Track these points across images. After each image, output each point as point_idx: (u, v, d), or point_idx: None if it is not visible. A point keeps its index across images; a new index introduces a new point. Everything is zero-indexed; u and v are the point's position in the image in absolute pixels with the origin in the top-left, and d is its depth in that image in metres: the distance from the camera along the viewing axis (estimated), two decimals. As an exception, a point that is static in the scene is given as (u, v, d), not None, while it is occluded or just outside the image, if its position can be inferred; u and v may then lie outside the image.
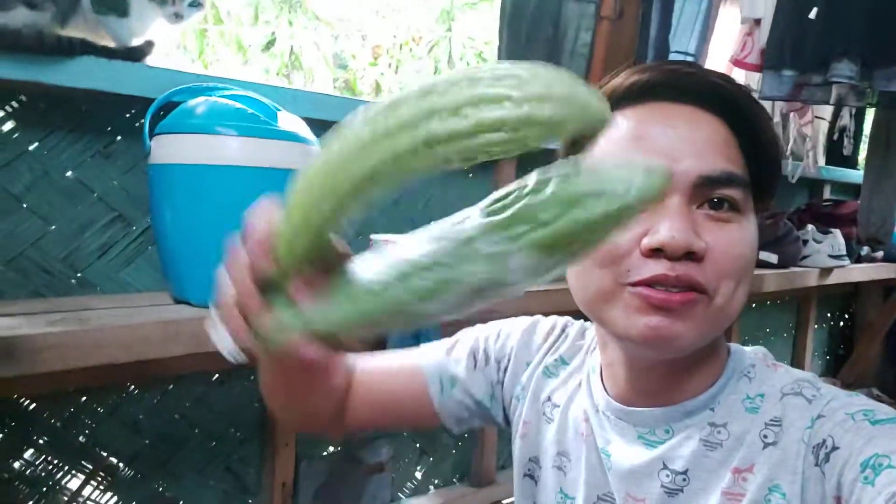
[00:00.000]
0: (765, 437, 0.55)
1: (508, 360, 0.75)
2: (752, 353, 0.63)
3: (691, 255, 0.53)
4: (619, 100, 0.59)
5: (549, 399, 0.71)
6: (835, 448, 0.50)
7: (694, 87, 0.57)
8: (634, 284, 0.54)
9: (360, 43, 5.70)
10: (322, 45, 5.22)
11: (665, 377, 0.60)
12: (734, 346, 0.64)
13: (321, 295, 0.41)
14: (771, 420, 0.56)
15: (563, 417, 0.69)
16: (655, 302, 0.53)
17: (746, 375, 0.60)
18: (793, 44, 1.56)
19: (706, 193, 0.55)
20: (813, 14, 1.52)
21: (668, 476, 0.59)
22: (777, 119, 2.17)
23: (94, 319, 0.85)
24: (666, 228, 0.53)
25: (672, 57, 1.96)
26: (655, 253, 0.53)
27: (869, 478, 0.45)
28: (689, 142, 0.55)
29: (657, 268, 0.53)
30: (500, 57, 1.76)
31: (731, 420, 0.58)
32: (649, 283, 0.54)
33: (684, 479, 0.58)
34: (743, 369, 0.61)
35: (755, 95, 1.70)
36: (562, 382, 0.71)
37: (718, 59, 2.01)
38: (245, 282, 0.42)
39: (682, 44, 2.01)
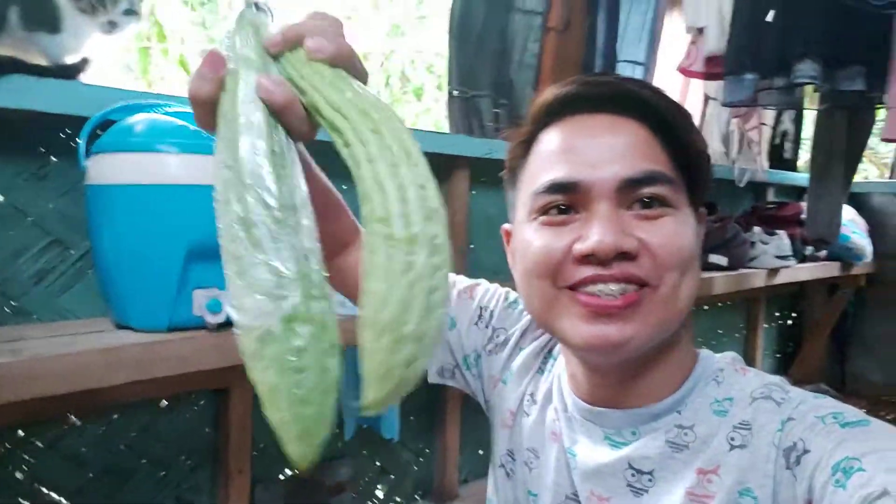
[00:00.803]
0: (732, 439, 0.56)
1: (507, 340, 0.74)
2: (720, 358, 0.63)
3: (625, 256, 0.54)
4: (546, 116, 0.61)
5: (531, 395, 0.70)
6: (805, 451, 0.50)
7: (609, 96, 0.59)
8: (572, 287, 0.55)
9: (309, 57, 5.65)
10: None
11: (625, 381, 0.60)
12: (703, 351, 0.64)
13: None
14: (740, 423, 0.56)
15: (540, 415, 0.68)
16: (596, 310, 0.54)
17: (714, 380, 0.60)
18: (751, 48, 1.59)
19: (633, 195, 0.56)
20: (770, 17, 1.54)
21: (633, 475, 0.59)
22: (726, 124, 2.23)
23: (27, 350, 0.80)
24: (595, 234, 0.54)
25: (621, 66, 2.00)
26: (587, 259, 0.55)
27: (840, 481, 0.46)
28: (609, 148, 0.57)
29: (591, 271, 0.54)
30: (450, 69, 1.77)
31: (698, 422, 0.58)
32: (585, 282, 0.54)
33: (650, 480, 0.58)
34: (711, 374, 0.61)
35: (718, 101, 1.75)
36: (545, 380, 0.71)
37: (667, 68, 2.06)
38: None
39: (630, 53, 2.06)
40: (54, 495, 1.08)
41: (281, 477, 1.35)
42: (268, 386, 0.34)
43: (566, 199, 0.57)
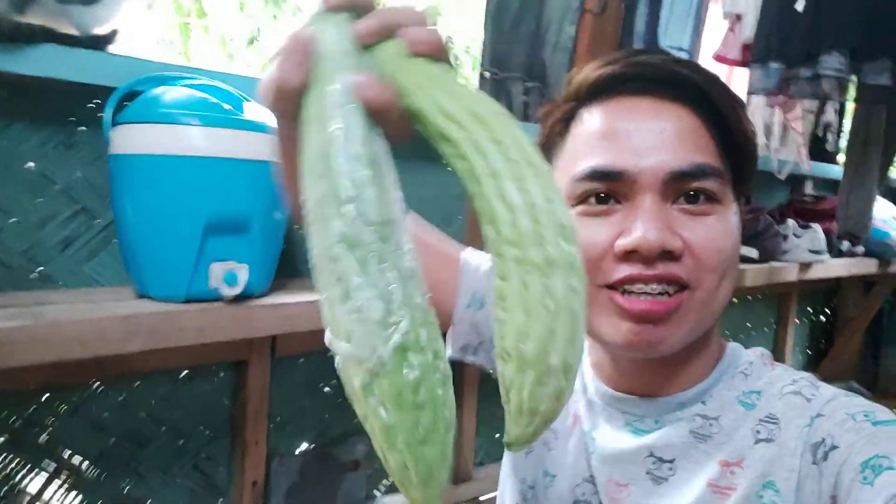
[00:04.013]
0: (757, 432, 0.55)
1: None
2: (750, 351, 0.62)
3: (668, 254, 0.52)
4: (590, 93, 0.58)
5: None
6: (834, 447, 0.49)
7: (657, 78, 0.56)
8: (611, 287, 0.54)
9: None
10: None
11: (653, 374, 0.59)
12: (732, 344, 0.63)
13: None
14: (767, 417, 0.55)
15: None
16: (636, 313, 0.53)
17: (743, 372, 0.59)
18: (780, 36, 1.55)
19: (680, 188, 0.54)
20: (800, 6, 1.50)
21: (654, 463, 0.58)
22: (769, 114, 2.16)
23: (49, 314, 0.82)
24: (639, 229, 0.52)
25: (664, 52, 1.95)
26: (630, 255, 0.52)
27: (868, 478, 0.45)
28: (656, 135, 0.54)
29: (632, 270, 0.52)
30: (484, 51, 1.75)
31: (724, 413, 0.57)
32: (625, 282, 0.53)
33: (670, 469, 0.57)
34: (739, 366, 0.60)
35: (745, 89, 1.70)
36: None
37: (706, 54, 2.00)
38: None
39: (674, 39, 2.00)
40: (77, 459, 1.11)
41: (296, 451, 1.36)
42: (383, 425, 0.30)
43: (608, 188, 0.54)
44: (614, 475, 0.60)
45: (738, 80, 2.17)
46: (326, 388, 1.39)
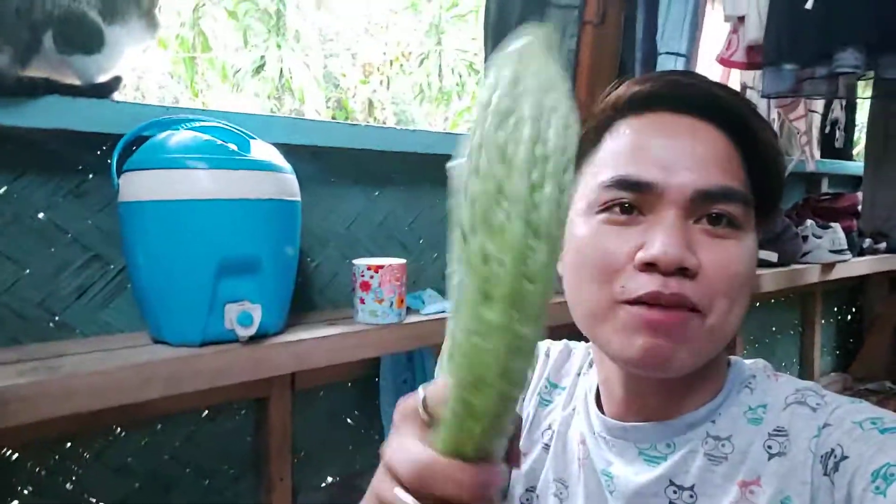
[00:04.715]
0: (769, 447, 0.54)
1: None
2: (752, 364, 0.62)
3: (684, 271, 0.52)
4: (621, 110, 0.58)
5: (548, 427, 0.69)
6: (844, 457, 0.49)
7: (695, 98, 0.56)
8: (630, 303, 0.53)
9: (351, 61, 5.71)
10: (312, 65, 5.22)
11: (663, 394, 0.59)
12: (734, 358, 0.62)
13: None
14: (775, 430, 0.55)
15: (560, 443, 0.67)
16: (650, 322, 0.52)
17: (748, 386, 0.59)
18: (790, 36, 1.53)
19: (704, 208, 0.54)
20: (809, 4, 1.48)
21: (675, 493, 0.57)
22: (773, 116, 2.14)
23: (66, 367, 0.82)
24: (660, 243, 0.52)
25: (662, 58, 1.94)
26: (649, 267, 0.53)
27: (880, 488, 0.45)
28: (687, 154, 0.54)
29: (650, 283, 0.52)
30: (486, 66, 1.75)
31: (735, 433, 0.56)
32: (643, 301, 0.53)
33: (691, 496, 0.56)
34: (743, 381, 0.60)
35: (756, 93, 1.69)
36: (557, 407, 0.70)
37: (706, 59, 1.99)
38: None
39: (672, 45, 1.99)
40: (102, 504, 1.11)
41: (322, 485, 1.35)
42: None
43: (634, 198, 0.55)
44: None
45: (733, 83, 2.16)
46: (349, 420, 1.38)
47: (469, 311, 0.32)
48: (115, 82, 1.02)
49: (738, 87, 2.12)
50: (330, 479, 1.37)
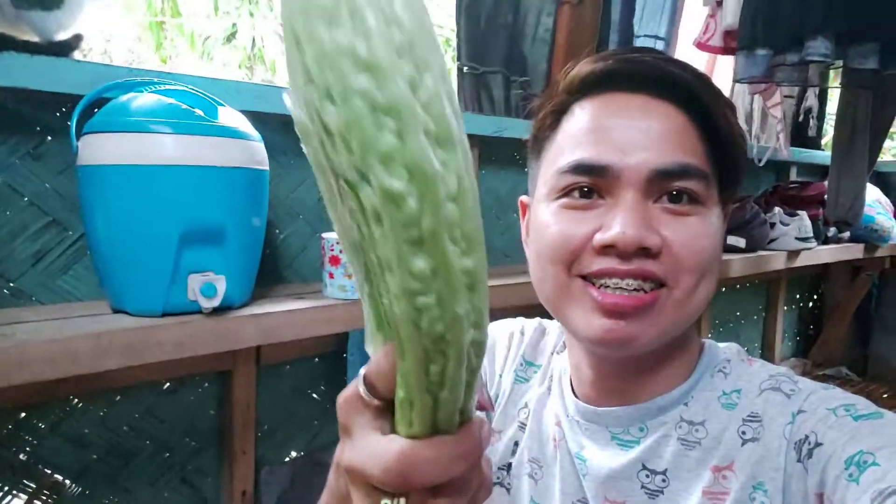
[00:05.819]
0: (743, 433, 0.54)
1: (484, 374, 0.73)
2: (726, 348, 0.62)
3: (646, 251, 0.52)
4: (582, 89, 0.58)
5: (525, 405, 0.69)
6: (818, 444, 0.49)
7: (648, 76, 0.55)
8: (585, 278, 0.54)
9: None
10: (285, 36, 5.11)
11: (632, 375, 0.59)
12: (708, 341, 0.62)
13: None
14: (749, 416, 0.55)
15: (536, 423, 0.67)
16: (608, 306, 0.52)
17: (722, 371, 0.59)
18: (765, 22, 1.53)
19: (663, 187, 0.53)
20: None
21: (647, 476, 0.57)
22: (749, 101, 2.16)
23: (20, 334, 0.79)
24: (618, 224, 0.51)
25: (641, 41, 1.93)
26: (607, 250, 0.52)
27: (854, 475, 0.45)
28: (642, 133, 0.53)
29: (607, 264, 0.52)
30: (459, 45, 1.72)
31: (708, 417, 0.56)
32: (599, 275, 0.53)
33: (664, 480, 0.57)
34: (717, 365, 0.60)
35: (731, 77, 1.69)
36: (533, 385, 0.69)
37: (684, 42, 1.99)
38: None
39: (651, 27, 1.99)
40: (58, 476, 1.08)
41: (286, 459, 1.34)
42: None
43: (591, 182, 0.54)
44: (609, 494, 0.59)
45: (720, 68, 2.17)
46: (314, 395, 1.37)
47: (396, 269, 0.27)
48: (76, 40, 0.98)
49: (727, 74, 2.13)
50: (294, 454, 1.36)
